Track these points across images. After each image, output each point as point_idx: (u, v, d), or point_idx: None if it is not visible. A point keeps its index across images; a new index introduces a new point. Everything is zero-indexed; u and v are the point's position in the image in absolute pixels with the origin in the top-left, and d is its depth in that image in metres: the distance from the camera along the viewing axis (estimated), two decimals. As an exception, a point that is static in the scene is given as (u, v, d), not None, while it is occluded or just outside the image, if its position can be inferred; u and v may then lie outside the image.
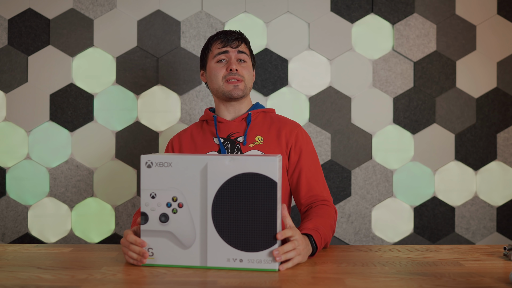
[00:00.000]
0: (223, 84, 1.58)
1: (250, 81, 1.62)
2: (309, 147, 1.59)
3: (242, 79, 1.58)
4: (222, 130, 1.60)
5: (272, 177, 1.12)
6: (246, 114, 1.61)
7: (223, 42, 1.60)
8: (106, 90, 2.17)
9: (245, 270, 1.13)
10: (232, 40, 1.60)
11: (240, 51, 1.60)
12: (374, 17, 2.20)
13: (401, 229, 2.20)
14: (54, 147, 2.16)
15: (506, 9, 2.21)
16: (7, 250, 1.36)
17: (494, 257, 1.28)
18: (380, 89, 2.20)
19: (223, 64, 1.60)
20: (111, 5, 2.17)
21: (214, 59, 1.61)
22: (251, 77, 1.63)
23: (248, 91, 1.61)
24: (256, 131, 1.58)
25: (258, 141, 1.56)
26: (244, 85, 1.58)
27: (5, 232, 2.15)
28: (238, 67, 1.58)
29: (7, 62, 2.16)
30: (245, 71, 1.60)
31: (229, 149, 1.55)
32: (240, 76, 1.58)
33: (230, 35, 1.61)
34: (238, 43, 1.61)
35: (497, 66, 2.21)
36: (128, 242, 1.19)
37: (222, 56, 1.60)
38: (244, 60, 1.61)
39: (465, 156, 2.21)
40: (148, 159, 1.16)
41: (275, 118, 1.64)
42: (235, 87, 1.57)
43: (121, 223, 2.16)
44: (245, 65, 1.61)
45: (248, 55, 1.63)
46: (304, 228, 1.30)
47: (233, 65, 1.57)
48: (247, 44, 1.66)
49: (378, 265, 1.20)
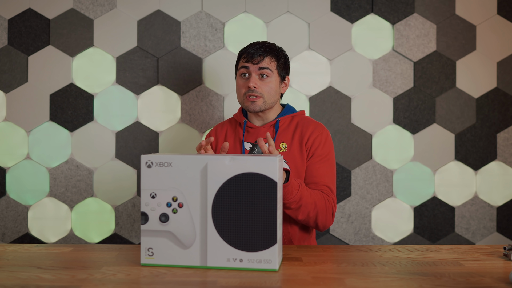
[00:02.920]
0: (244, 100, 1.65)
1: (271, 96, 1.64)
2: (324, 150, 1.62)
3: (260, 95, 1.63)
4: (251, 135, 1.67)
5: (272, 177, 1.12)
6: (275, 121, 1.67)
7: (246, 58, 1.65)
8: (106, 90, 2.17)
9: (245, 270, 1.13)
10: (255, 55, 1.63)
11: (261, 68, 1.63)
12: (374, 17, 2.20)
13: (401, 229, 2.20)
14: (54, 147, 2.16)
15: (506, 9, 2.21)
16: (7, 250, 1.36)
17: (494, 257, 1.28)
18: (380, 89, 2.20)
19: (245, 79, 1.65)
20: (111, 5, 2.17)
21: (239, 72, 1.67)
22: (274, 91, 1.65)
23: (269, 105, 1.65)
24: (282, 138, 1.64)
25: (282, 148, 1.62)
26: (262, 101, 1.63)
27: (5, 232, 2.15)
28: (256, 84, 1.62)
29: (7, 62, 2.16)
30: (265, 87, 1.63)
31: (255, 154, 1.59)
32: (259, 93, 1.62)
33: (255, 50, 1.64)
34: (260, 58, 1.63)
35: (497, 66, 2.21)
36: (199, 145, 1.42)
37: (244, 70, 1.65)
38: (266, 75, 1.64)
39: (465, 156, 2.21)
40: (148, 159, 1.16)
41: (301, 123, 1.67)
42: (252, 103, 1.63)
43: (121, 223, 2.16)
44: (267, 80, 1.64)
45: (271, 70, 1.64)
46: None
47: (251, 82, 1.62)
48: (275, 56, 1.66)
49: (378, 265, 1.20)
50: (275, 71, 1.66)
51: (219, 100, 2.19)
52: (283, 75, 1.69)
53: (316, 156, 1.61)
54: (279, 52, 1.68)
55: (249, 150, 1.65)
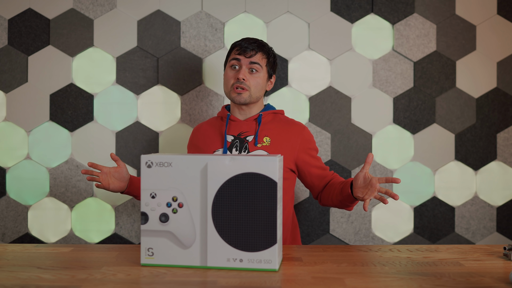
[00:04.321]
0: (231, 91, 1.70)
1: (257, 90, 1.71)
2: (312, 145, 1.75)
3: (247, 88, 1.68)
4: (233, 128, 1.72)
5: (272, 177, 1.12)
6: (257, 115, 1.73)
7: (239, 50, 1.70)
8: (106, 90, 2.17)
9: (245, 270, 1.13)
10: (248, 49, 1.69)
11: (252, 62, 1.69)
12: (374, 17, 2.20)
13: (401, 229, 2.20)
14: (54, 147, 2.16)
15: (506, 9, 2.21)
16: (7, 250, 1.36)
17: (494, 257, 1.28)
18: (380, 89, 2.20)
19: (235, 71, 1.71)
20: (111, 5, 2.17)
21: (229, 63, 1.73)
22: (260, 86, 1.72)
23: (254, 99, 1.72)
24: (265, 132, 1.70)
25: (265, 142, 1.68)
26: (248, 94, 1.69)
27: (5, 232, 2.15)
28: (245, 77, 1.68)
29: (7, 62, 2.16)
30: (253, 80, 1.70)
31: (237, 147, 1.68)
32: (246, 86, 1.68)
33: (248, 44, 1.70)
34: (253, 53, 1.69)
35: (497, 66, 2.21)
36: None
37: (235, 62, 1.71)
38: (256, 70, 1.70)
39: (465, 156, 2.21)
40: (148, 159, 1.16)
41: (284, 120, 1.76)
42: (238, 95, 1.68)
43: (121, 223, 2.16)
44: (256, 74, 1.71)
45: (261, 66, 1.71)
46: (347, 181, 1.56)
47: (241, 74, 1.68)
48: (266, 53, 1.73)
49: (378, 265, 1.20)
50: (264, 68, 1.73)
51: (219, 100, 2.19)
52: (271, 73, 1.77)
53: (312, 149, 1.73)
54: (270, 50, 1.76)
55: (230, 142, 1.69)
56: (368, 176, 1.42)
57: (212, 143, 1.72)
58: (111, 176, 1.60)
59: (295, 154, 1.69)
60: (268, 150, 1.66)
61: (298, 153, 1.70)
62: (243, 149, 1.67)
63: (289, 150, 1.69)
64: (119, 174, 1.61)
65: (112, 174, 1.61)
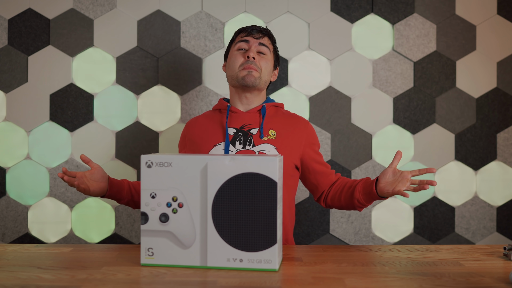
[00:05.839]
0: (240, 71, 1.59)
1: (266, 74, 1.62)
2: (315, 140, 1.67)
3: (258, 70, 1.59)
4: (235, 120, 1.60)
5: (272, 177, 1.12)
6: (260, 106, 1.62)
7: (247, 32, 1.62)
8: (106, 90, 2.17)
9: (245, 270, 1.13)
10: (255, 31, 1.62)
11: (261, 44, 1.61)
12: (374, 17, 2.20)
13: (401, 229, 2.20)
14: (54, 147, 2.16)
15: (506, 9, 2.21)
16: (7, 250, 1.36)
17: (494, 257, 1.28)
18: (380, 89, 2.20)
19: (243, 52, 1.61)
20: (111, 5, 2.17)
21: (236, 46, 1.63)
22: (269, 71, 1.63)
23: (262, 83, 1.61)
24: (270, 125, 1.60)
25: (271, 135, 1.57)
26: (258, 75, 1.59)
27: (5, 232, 2.15)
28: (256, 56, 1.59)
29: (7, 62, 2.16)
30: (263, 62, 1.61)
31: (241, 140, 1.56)
32: (257, 66, 1.59)
33: (255, 27, 1.64)
34: (261, 35, 1.62)
35: (497, 66, 2.21)
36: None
37: (243, 44, 1.61)
38: (264, 53, 1.62)
39: (465, 156, 2.21)
40: (148, 159, 1.16)
41: (286, 114, 1.67)
42: (249, 73, 1.57)
43: (121, 223, 2.16)
44: (265, 57, 1.62)
45: (269, 50, 1.63)
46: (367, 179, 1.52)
47: (251, 52, 1.58)
48: (272, 40, 1.67)
49: (378, 265, 1.20)
50: (271, 54, 1.65)
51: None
52: (276, 64, 1.70)
53: (315, 145, 1.65)
54: (275, 40, 1.70)
55: (233, 135, 1.57)
56: (397, 171, 1.42)
57: (212, 137, 1.59)
58: (88, 179, 1.50)
59: (301, 149, 1.60)
60: (274, 144, 1.55)
61: (304, 148, 1.61)
62: (247, 143, 1.55)
63: (295, 144, 1.59)
64: (96, 175, 1.51)
65: (88, 178, 1.50)
